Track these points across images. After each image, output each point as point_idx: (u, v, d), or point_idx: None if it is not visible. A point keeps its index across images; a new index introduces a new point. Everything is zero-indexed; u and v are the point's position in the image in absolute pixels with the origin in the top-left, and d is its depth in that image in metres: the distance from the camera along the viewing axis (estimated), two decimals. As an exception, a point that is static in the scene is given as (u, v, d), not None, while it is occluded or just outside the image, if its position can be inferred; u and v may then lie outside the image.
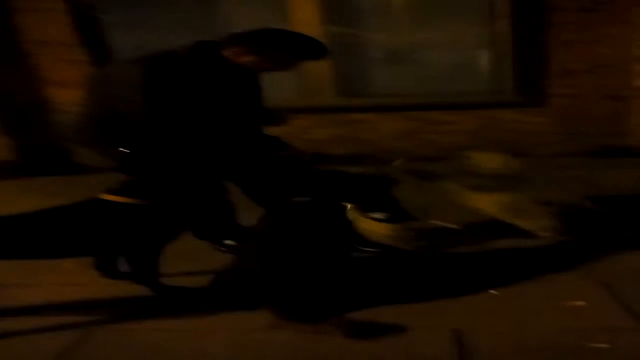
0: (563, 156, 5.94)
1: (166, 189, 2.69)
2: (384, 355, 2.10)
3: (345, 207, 3.01)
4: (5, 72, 5.71)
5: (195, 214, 3.06)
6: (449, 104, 6.07)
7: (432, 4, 5.85)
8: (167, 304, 2.68)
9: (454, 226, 3.26)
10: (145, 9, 5.66)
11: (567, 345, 2.09)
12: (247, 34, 2.92)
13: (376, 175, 3.24)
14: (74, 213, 2.59)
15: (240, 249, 2.87)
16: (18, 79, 5.76)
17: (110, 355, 2.32)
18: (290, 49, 2.94)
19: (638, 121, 5.90)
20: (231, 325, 2.46)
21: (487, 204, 3.13)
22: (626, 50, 5.80)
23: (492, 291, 2.68)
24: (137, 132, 2.79)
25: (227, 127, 2.98)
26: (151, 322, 2.53)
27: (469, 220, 3.34)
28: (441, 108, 6.09)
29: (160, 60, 2.85)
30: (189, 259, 3.08)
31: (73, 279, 2.95)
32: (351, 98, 6.11)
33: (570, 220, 3.11)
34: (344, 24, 5.98)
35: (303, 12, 5.68)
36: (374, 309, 2.51)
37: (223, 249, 3.30)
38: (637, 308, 2.39)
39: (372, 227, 3.15)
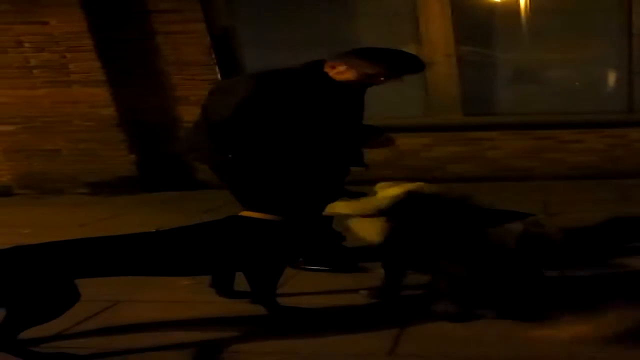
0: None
1: (304, 205, 2.68)
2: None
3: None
4: (141, 92, 5.92)
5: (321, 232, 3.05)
6: (578, 123, 5.95)
7: (568, 23, 5.78)
8: (282, 324, 2.60)
9: None
10: (281, 27, 5.81)
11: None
12: (349, 51, 2.99)
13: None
14: (209, 231, 2.57)
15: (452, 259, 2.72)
16: (152, 97, 5.96)
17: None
18: (397, 63, 2.98)
19: None
20: (351, 350, 2.38)
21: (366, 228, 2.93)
22: None
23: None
24: (244, 142, 2.85)
25: (333, 144, 3.01)
26: (262, 343, 2.43)
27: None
28: (569, 127, 5.98)
29: (272, 76, 2.93)
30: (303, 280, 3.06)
31: (187, 296, 2.89)
32: (477, 117, 6.05)
33: None
34: (475, 43, 5.98)
35: (435, 32, 5.71)
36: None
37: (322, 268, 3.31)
38: None
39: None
